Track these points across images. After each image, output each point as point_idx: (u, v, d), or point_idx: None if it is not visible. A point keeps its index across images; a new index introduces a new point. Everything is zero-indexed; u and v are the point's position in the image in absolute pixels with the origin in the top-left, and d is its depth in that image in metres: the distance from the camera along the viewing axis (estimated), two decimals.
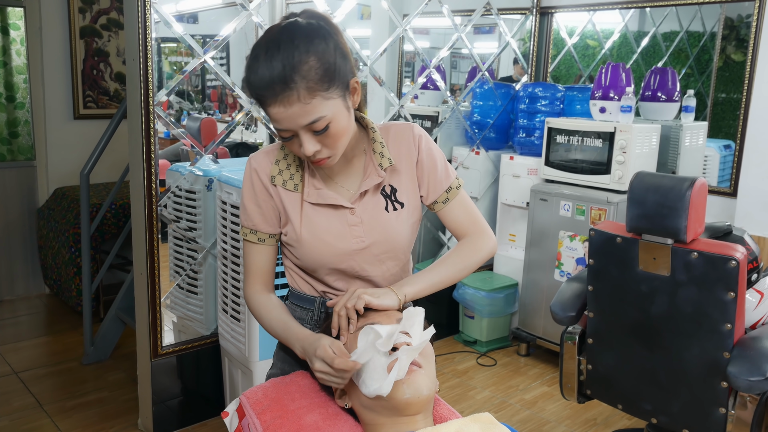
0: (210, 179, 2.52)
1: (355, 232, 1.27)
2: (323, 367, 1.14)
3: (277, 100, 1.11)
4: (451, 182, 1.34)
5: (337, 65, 1.14)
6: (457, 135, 3.71)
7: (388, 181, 1.30)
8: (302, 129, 1.14)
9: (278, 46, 1.11)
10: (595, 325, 2.09)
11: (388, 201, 1.29)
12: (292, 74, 1.09)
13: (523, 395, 2.98)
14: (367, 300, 1.18)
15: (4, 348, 3.29)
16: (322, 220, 1.27)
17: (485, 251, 1.34)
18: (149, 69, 2.24)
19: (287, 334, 1.26)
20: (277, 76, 1.09)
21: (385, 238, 1.28)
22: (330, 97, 1.13)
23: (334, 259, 1.27)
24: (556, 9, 3.69)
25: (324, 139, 1.16)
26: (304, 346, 1.21)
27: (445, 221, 1.36)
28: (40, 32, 3.76)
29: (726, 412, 1.86)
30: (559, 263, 3.11)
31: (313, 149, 1.16)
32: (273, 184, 1.28)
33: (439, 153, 1.34)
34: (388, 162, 1.28)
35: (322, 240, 1.26)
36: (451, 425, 1.10)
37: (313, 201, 1.27)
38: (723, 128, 3.21)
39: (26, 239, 4.01)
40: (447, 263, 1.32)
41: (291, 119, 1.12)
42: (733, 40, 3.14)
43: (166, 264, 2.62)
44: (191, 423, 2.63)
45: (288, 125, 1.13)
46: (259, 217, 1.30)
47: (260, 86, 1.11)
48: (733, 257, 1.75)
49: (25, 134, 4.11)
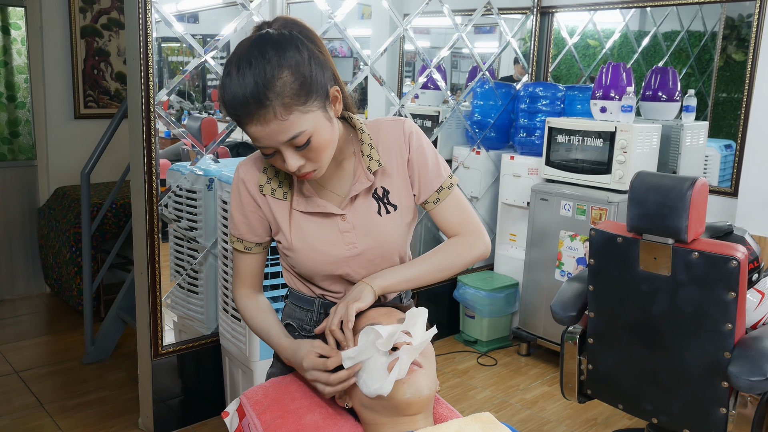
0: (211, 179, 2.52)
1: (347, 238, 1.24)
2: (318, 375, 1.14)
3: (254, 119, 1.06)
4: (443, 181, 1.28)
5: (314, 76, 1.09)
6: (458, 135, 3.71)
7: (379, 183, 1.26)
8: (283, 145, 1.10)
9: (249, 62, 1.05)
10: (596, 325, 2.09)
11: (380, 204, 1.26)
12: (265, 91, 1.04)
13: (524, 395, 2.98)
14: (357, 307, 1.16)
15: (5, 347, 3.30)
16: (313, 228, 1.24)
17: (474, 253, 1.28)
18: (150, 68, 2.24)
19: (269, 343, 1.28)
20: (250, 94, 1.04)
21: (378, 243, 1.26)
22: (309, 110, 1.08)
23: (328, 267, 1.26)
24: (556, 9, 3.69)
25: (307, 153, 1.12)
26: (287, 358, 1.23)
27: (436, 221, 1.31)
28: (40, 32, 3.77)
29: (727, 412, 1.86)
30: (560, 263, 3.11)
31: (297, 164, 1.12)
32: (262, 193, 1.25)
33: (431, 150, 1.28)
34: (376, 164, 1.23)
35: (314, 248, 1.24)
36: (451, 425, 1.10)
37: (302, 209, 1.24)
38: (724, 128, 3.21)
39: (27, 239, 4.01)
40: (427, 260, 1.27)
41: (270, 137, 1.08)
42: (733, 40, 3.14)
43: (166, 263, 2.63)
44: (192, 422, 2.63)
45: (268, 143, 1.09)
46: (245, 227, 1.29)
47: (234, 106, 1.06)
48: (734, 257, 1.75)
49: (25, 134, 4.11)
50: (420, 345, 1.11)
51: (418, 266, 1.27)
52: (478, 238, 1.29)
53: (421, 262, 1.27)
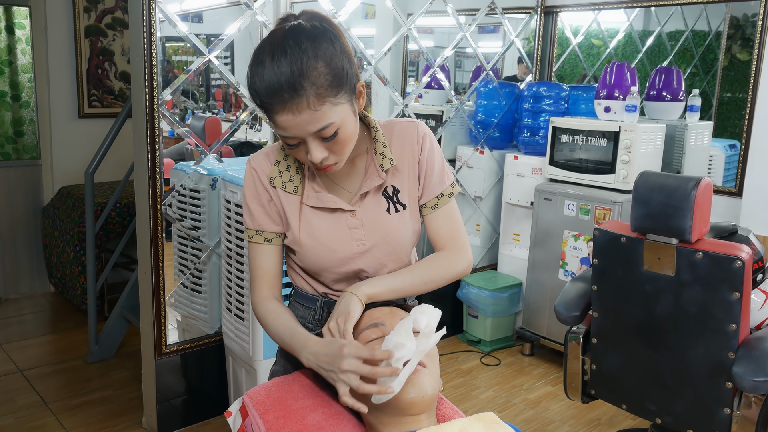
0: (214, 178, 2.52)
1: (355, 234, 1.25)
2: (355, 365, 1.07)
3: (286, 108, 1.07)
4: (444, 189, 1.30)
5: (345, 69, 1.11)
6: (462, 134, 3.71)
7: (390, 181, 1.27)
8: (310, 136, 1.11)
9: (284, 50, 1.06)
10: (600, 325, 2.09)
11: (389, 202, 1.26)
12: (301, 80, 1.05)
13: (527, 395, 2.98)
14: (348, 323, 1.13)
15: (9, 346, 3.31)
16: (322, 224, 1.25)
17: (456, 270, 1.29)
18: (154, 68, 2.24)
19: (293, 341, 1.20)
20: (285, 82, 1.05)
21: (387, 240, 1.26)
22: (339, 102, 1.10)
23: (335, 263, 1.26)
24: (560, 8, 3.68)
25: (332, 145, 1.13)
26: (319, 351, 1.13)
27: (428, 228, 1.31)
28: (45, 31, 3.78)
29: (731, 413, 1.85)
30: (564, 263, 3.10)
31: (321, 156, 1.13)
32: (273, 186, 1.25)
33: (440, 155, 1.30)
34: (389, 163, 1.25)
35: (322, 243, 1.24)
36: (454, 425, 1.10)
37: (312, 204, 1.24)
38: (728, 128, 3.20)
39: (31, 238, 4.02)
40: (413, 272, 1.27)
41: (299, 127, 1.09)
42: (738, 40, 3.13)
43: (170, 263, 2.63)
44: (195, 421, 2.64)
45: (296, 133, 1.10)
46: (264, 216, 1.27)
47: (267, 93, 1.07)
48: (739, 257, 1.75)
49: (30, 133, 4.12)
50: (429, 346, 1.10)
51: (404, 277, 1.26)
52: (462, 255, 1.30)
53: (406, 273, 1.27)
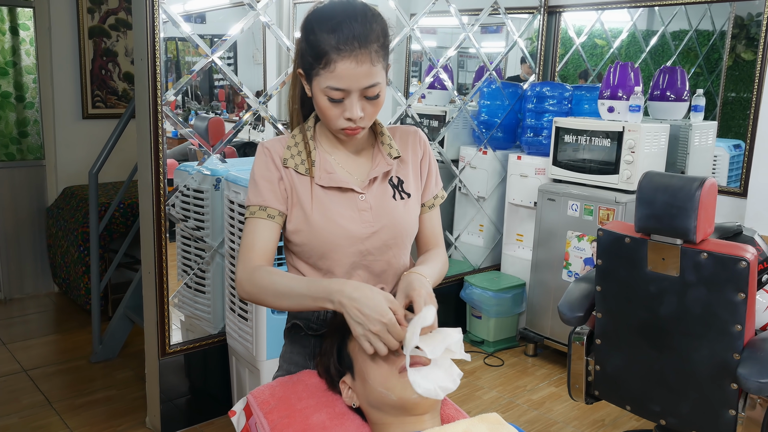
0: (218, 179, 2.52)
1: (364, 216, 1.28)
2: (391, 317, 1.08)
3: (352, 56, 1.15)
4: (438, 191, 1.41)
5: (389, 41, 1.23)
6: (465, 134, 3.71)
7: (395, 172, 1.33)
8: (358, 92, 1.18)
9: (355, 9, 1.18)
10: (603, 326, 2.08)
11: (395, 190, 1.33)
12: (370, 35, 1.16)
13: (531, 396, 2.97)
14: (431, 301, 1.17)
15: (14, 346, 3.31)
16: (333, 204, 1.28)
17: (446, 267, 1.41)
18: (157, 69, 2.25)
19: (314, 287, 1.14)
20: (359, 33, 1.15)
21: (393, 224, 1.30)
22: (385, 67, 1.22)
23: (345, 242, 1.27)
24: (564, 8, 3.68)
25: (369, 106, 1.21)
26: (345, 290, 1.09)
27: (423, 225, 1.40)
28: (49, 32, 3.78)
29: (736, 414, 1.85)
30: (567, 263, 3.10)
31: (359, 114, 1.20)
32: (285, 166, 1.28)
33: (435, 161, 1.42)
34: (396, 152, 1.33)
35: (334, 222, 1.26)
36: (458, 425, 1.10)
37: (324, 184, 1.28)
38: (733, 128, 3.19)
39: (35, 238, 4.03)
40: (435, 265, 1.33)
41: (356, 78, 1.16)
42: (743, 39, 3.12)
43: (174, 263, 2.63)
44: (199, 421, 2.64)
45: (349, 84, 1.17)
46: (271, 193, 1.27)
47: (341, 40, 1.14)
48: (743, 258, 1.74)
49: (34, 134, 4.13)
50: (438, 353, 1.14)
51: (433, 268, 1.32)
52: (445, 254, 1.42)
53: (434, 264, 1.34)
